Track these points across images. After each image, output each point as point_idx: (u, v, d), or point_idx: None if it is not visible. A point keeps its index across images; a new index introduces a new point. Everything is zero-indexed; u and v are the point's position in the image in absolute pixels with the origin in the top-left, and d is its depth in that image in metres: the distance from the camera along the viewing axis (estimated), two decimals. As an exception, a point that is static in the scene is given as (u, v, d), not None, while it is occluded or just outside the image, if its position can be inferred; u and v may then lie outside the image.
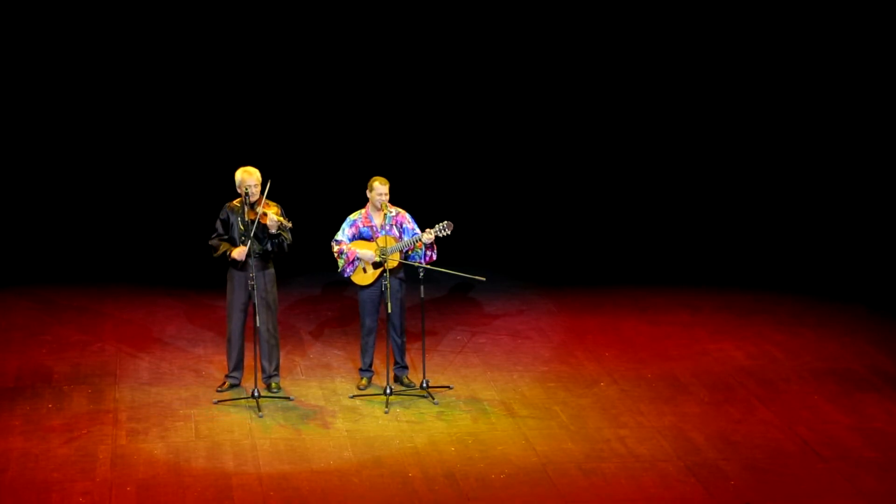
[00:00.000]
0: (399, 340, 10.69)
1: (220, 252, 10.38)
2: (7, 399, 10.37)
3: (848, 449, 9.53)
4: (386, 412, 10.17)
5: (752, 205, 15.39)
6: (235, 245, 10.35)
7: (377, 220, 10.52)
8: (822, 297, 13.25)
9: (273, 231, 10.25)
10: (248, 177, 10.31)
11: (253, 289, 10.23)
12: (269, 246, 10.35)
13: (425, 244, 10.44)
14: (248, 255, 10.27)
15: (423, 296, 10.56)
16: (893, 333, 12.08)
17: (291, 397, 10.46)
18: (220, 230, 10.44)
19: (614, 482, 8.99)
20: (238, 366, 10.64)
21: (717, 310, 12.80)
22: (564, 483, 8.96)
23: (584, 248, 14.86)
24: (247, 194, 10.25)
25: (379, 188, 10.49)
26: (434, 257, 10.52)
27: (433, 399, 10.40)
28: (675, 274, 14.08)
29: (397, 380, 10.72)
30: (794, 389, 10.73)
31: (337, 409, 10.26)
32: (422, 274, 10.45)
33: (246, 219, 10.30)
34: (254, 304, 10.27)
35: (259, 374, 10.43)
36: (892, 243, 14.40)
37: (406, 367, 10.78)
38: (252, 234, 10.23)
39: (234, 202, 10.46)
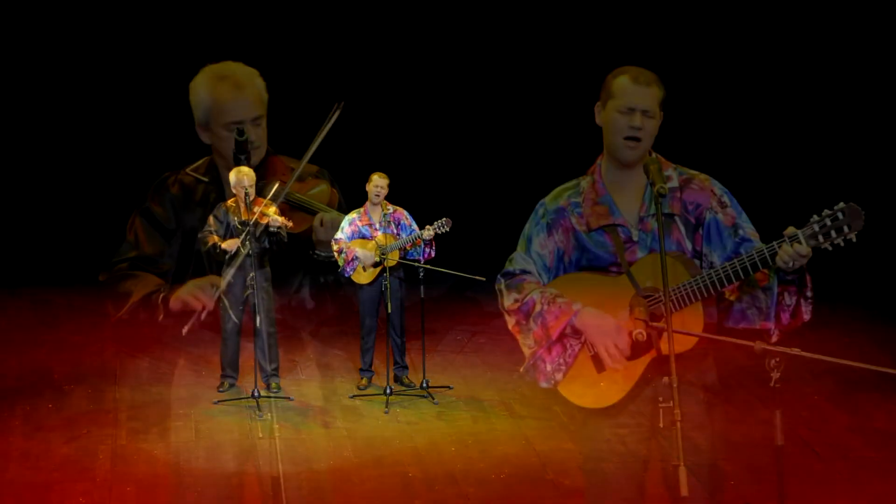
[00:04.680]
0: (399, 340, 10.68)
1: (208, 245, 10.36)
2: (7, 399, 10.37)
3: (848, 449, 9.52)
4: (386, 412, 10.16)
5: (752, 204, 15.35)
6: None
7: (375, 217, 10.52)
8: (823, 297, 13.20)
9: (272, 229, 10.24)
10: (243, 177, 10.30)
11: (251, 288, 10.22)
12: (267, 244, 10.34)
13: (425, 241, 10.44)
14: (246, 255, 10.27)
15: (423, 296, 10.55)
16: (893, 333, 12.07)
17: (291, 397, 10.45)
18: (212, 227, 10.41)
19: (614, 482, 8.96)
20: (234, 365, 10.63)
21: (717, 310, 12.76)
22: (564, 483, 8.95)
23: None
24: (246, 195, 10.25)
25: (377, 181, 10.50)
26: (433, 254, 10.52)
27: (433, 399, 10.39)
28: (674, 274, 14.03)
29: (397, 380, 10.71)
30: (794, 389, 10.72)
31: (337, 409, 10.26)
32: (422, 274, 10.44)
33: (242, 218, 10.29)
34: (252, 303, 10.26)
35: (258, 374, 10.42)
36: (891, 243, 14.39)
37: (406, 367, 10.77)
38: (251, 234, 10.23)
39: (230, 201, 10.45)
